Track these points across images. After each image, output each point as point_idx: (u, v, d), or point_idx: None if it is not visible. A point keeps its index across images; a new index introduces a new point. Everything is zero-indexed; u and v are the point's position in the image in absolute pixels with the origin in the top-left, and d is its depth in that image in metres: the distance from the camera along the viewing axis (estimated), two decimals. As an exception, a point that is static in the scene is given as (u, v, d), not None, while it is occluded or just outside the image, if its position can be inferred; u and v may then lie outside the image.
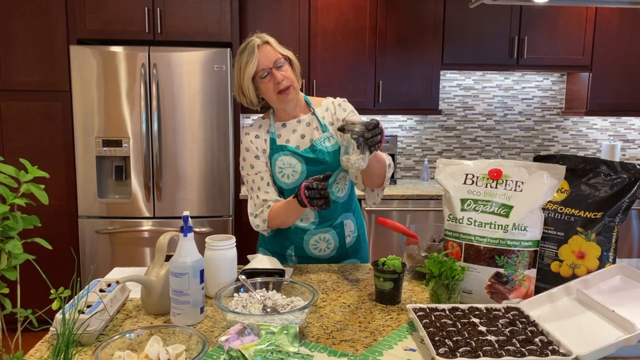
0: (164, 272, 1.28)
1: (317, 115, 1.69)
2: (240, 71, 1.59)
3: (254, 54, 1.55)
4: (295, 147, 1.66)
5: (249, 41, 1.58)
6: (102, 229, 3.15)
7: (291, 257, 1.75)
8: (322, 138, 1.66)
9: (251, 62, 1.55)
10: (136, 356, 0.98)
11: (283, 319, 1.10)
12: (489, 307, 1.24)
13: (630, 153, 4.16)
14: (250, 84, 1.59)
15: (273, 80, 1.57)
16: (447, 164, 1.49)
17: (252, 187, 1.68)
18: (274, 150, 1.65)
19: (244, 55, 1.57)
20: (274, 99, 1.61)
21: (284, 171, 1.64)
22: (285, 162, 1.64)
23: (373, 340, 1.16)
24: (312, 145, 1.65)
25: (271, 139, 1.66)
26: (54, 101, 3.16)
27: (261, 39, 1.58)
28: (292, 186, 1.65)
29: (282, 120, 1.69)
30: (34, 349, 1.10)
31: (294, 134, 1.68)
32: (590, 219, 1.35)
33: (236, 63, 1.60)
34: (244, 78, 1.58)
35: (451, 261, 1.32)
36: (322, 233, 1.70)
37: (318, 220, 1.70)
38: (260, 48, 1.56)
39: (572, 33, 3.64)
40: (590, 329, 1.13)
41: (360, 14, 3.51)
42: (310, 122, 1.69)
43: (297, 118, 1.69)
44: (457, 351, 1.03)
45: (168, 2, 3.14)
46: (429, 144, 4.06)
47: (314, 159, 1.64)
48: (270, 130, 1.67)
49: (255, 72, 1.57)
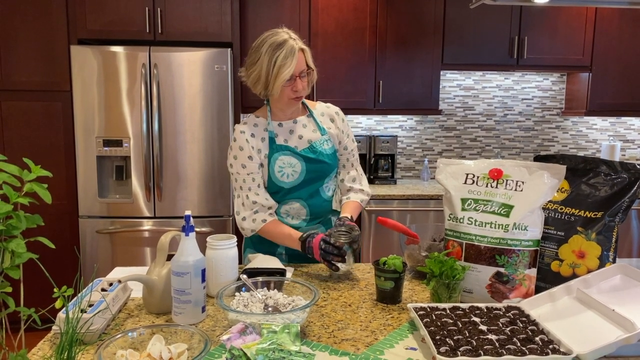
0: (166, 272, 1.29)
1: (315, 118, 1.73)
2: (273, 66, 1.54)
3: (294, 57, 1.54)
4: (294, 147, 1.67)
5: (285, 40, 1.55)
6: (103, 229, 3.15)
7: (281, 256, 1.75)
8: (322, 140, 1.70)
9: (289, 65, 1.54)
10: (138, 355, 0.98)
11: (284, 318, 1.10)
12: (490, 307, 1.24)
13: (630, 153, 4.16)
14: (281, 83, 1.56)
15: (293, 87, 1.59)
16: (448, 163, 1.50)
17: (242, 187, 1.67)
18: (273, 150, 1.65)
19: (282, 53, 1.53)
20: (284, 101, 1.63)
21: (284, 170, 1.65)
22: (286, 161, 1.65)
23: (374, 339, 1.16)
24: (312, 147, 1.68)
25: (270, 138, 1.66)
26: (54, 101, 3.17)
27: (298, 44, 1.57)
28: (291, 185, 1.66)
29: (279, 120, 1.71)
30: (36, 347, 1.11)
31: (292, 134, 1.69)
32: (590, 218, 1.36)
33: (267, 55, 1.55)
34: (278, 76, 1.54)
35: (452, 260, 1.32)
36: (312, 230, 1.70)
37: (309, 217, 1.73)
38: (298, 53, 1.56)
39: (572, 33, 3.64)
40: (590, 328, 1.14)
41: (361, 14, 3.52)
42: (307, 124, 1.72)
43: (294, 119, 1.71)
44: (458, 350, 1.03)
45: (169, 2, 3.14)
46: (429, 144, 4.06)
47: (314, 159, 1.66)
48: (268, 129, 1.68)
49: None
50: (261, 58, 1.56)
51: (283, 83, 1.56)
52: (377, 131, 3.96)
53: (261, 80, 1.58)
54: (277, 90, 1.58)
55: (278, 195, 1.69)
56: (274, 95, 1.60)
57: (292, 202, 1.70)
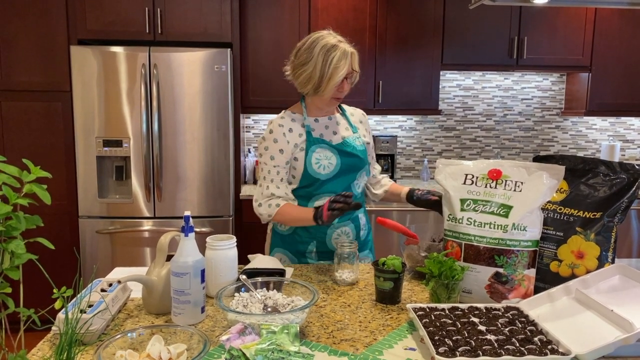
0: (165, 272, 1.29)
1: (348, 117, 1.84)
2: (328, 68, 1.62)
3: (347, 59, 1.64)
4: (329, 141, 1.75)
5: (336, 42, 1.63)
6: (103, 229, 3.15)
7: (311, 254, 1.79)
8: (353, 137, 1.79)
9: (342, 67, 1.62)
10: (138, 355, 0.99)
11: (284, 319, 1.10)
12: (489, 307, 1.24)
13: (629, 153, 4.17)
14: (334, 84, 1.64)
15: (339, 88, 1.67)
16: (447, 164, 1.50)
17: (265, 177, 1.74)
18: (310, 143, 1.72)
19: (336, 55, 1.62)
20: (326, 100, 1.70)
21: (320, 162, 1.71)
22: (322, 154, 1.71)
23: (373, 339, 1.17)
24: (345, 142, 1.76)
25: (307, 132, 1.73)
26: (54, 101, 3.17)
27: (349, 48, 1.65)
28: (327, 177, 1.72)
29: (314, 116, 1.78)
30: (35, 348, 1.11)
31: (327, 129, 1.78)
32: (589, 219, 1.36)
33: (320, 56, 1.63)
34: (332, 77, 1.63)
35: (451, 261, 1.32)
36: (343, 227, 1.78)
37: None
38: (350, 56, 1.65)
39: (572, 33, 3.64)
40: (589, 329, 1.14)
41: (360, 14, 3.52)
42: (340, 121, 1.82)
43: (329, 116, 1.80)
44: (457, 350, 1.03)
45: (168, 2, 3.14)
46: (428, 144, 4.06)
47: (348, 152, 1.74)
48: (305, 123, 1.75)
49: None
50: (314, 59, 1.64)
51: (336, 84, 1.64)
52: (377, 131, 3.97)
53: (313, 81, 1.65)
54: (329, 91, 1.66)
55: (313, 187, 1.74)
56: (325, 95, 1.67)
57: (325, 197, 1.73)
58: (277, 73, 3.52)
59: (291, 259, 1.80)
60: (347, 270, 1.54)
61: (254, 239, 3.40)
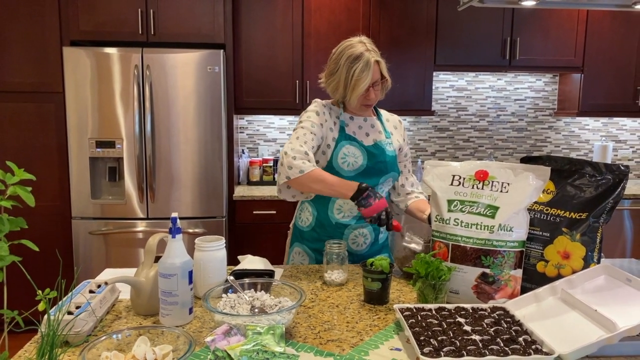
0: (153, 273, 1.29)
1: (383, 122, 1.85)
2: (350, 79, 1.66)
3: (370, 70, 1.65)
4: (361, 141, 1.75)
5: (361, 53, 1.65)
6: (96, 230, 3.15)
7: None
8: (385, 142, 1.79)
9: (365, 78, 1.65)
10: (123, 356, 0.99)
11: (270, 319, 1.11)
12: (475, 307, 1.25)
13: (622, 154, 4.19)
14: (357, 94, 1.67)
15: (366, 96, 1.70)
16: (435, 165, 1.51)
17: (300, 137, 1.66)
18: (341, 137, 1.73)
19: (358, 67, 1.64)
20: (355, 106, 1.74)
21: (347, 159, 1.71)
22: (351, 151, 1.72)
23: (360, 340, 1.17)
24: (376, 145, 1.76)
25: (341, 127, 1.75)
26: (47, 102, 3.16)
27: (374, 57, 1.66)
28: (349, 175, 1.71)
29: (351, 114, 1.80)
30: (22, 349, 1.11)
31: (360, 129, 1.78)
32: (575, 219, 1.37)
33: (345, 67, 1.66)
34: (355, 89, 1.66)
35: (438, 261, 1.33)
36: (361, 228, 1.78)
37: (359, 215, 1.75)
38: (373, 66, 1.66)
39: (564, 34, 3.66)
40: (573, 328, 1.15)
41: (353, 15, 3.53)
42: (374, 124, 1.82)
43: (364, 117, 1.81)
44: (442, 350, 1.04)
45: (161, 3, 3.15)
46: (422, 145, 4.07)
47: (376, 155, 1.74)
48: (341, 118, 1.77)
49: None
50: (339, 70, 1.68)
51: (360, 94, 1.68)
52: (370, 132, 3.97)
53: (339, 90, 1.71)
54: (354, 101, 1.71)
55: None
56: (352, 103, 1.72)
57: None
58: (270, 74, 3.54)
59: (309, 254, 1.81)
60: (337, 270, 1.54)
61: (246, 240, 3.41)
